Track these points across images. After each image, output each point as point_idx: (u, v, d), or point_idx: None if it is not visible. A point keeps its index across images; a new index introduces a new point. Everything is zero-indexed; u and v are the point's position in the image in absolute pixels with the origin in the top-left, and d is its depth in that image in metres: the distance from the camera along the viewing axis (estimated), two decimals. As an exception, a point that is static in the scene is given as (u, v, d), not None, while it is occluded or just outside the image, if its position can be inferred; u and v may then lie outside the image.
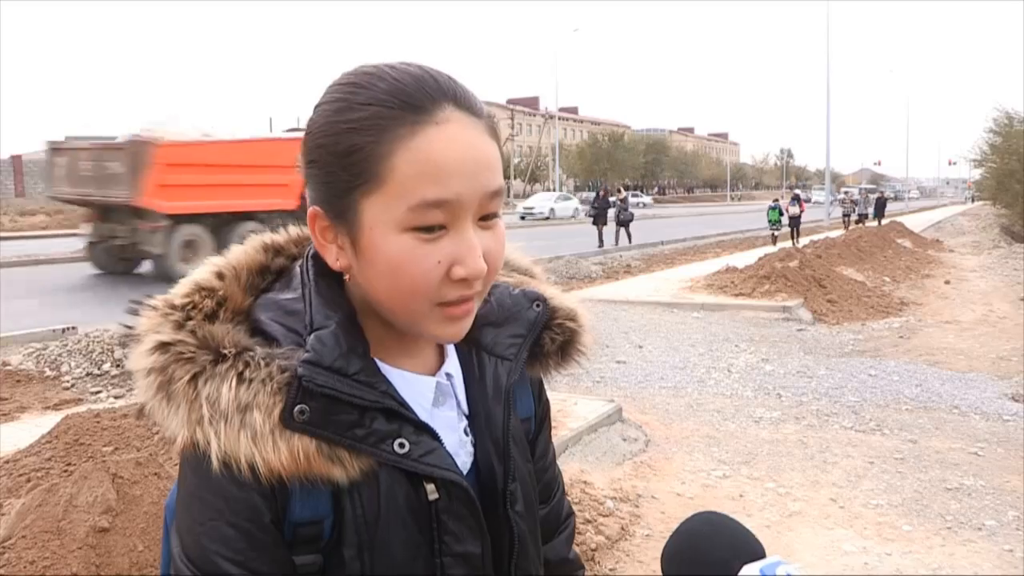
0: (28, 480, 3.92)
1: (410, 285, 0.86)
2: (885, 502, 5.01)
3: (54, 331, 9.62)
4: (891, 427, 6.59)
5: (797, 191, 29.78)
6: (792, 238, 25.06)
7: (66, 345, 8.32)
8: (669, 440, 6.27)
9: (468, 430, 1.02)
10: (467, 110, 0.88)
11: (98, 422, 4.46)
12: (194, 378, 0.85)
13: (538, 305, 1.10)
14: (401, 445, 0.89)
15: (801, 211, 26.53)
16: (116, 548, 3.08)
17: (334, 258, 0.91)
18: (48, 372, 7.83)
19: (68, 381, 7.60)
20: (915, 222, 36.86)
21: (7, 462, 4.20)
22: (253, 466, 0.83)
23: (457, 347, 1.05)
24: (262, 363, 0.86)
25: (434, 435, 0.93)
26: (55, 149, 17.10)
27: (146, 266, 16.78)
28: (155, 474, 3.42)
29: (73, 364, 7.93)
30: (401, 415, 0.91)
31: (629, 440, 6.13)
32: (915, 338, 10.45)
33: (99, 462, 3.44)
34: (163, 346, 0.87)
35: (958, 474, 5.49)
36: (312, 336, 0.88)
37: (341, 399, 0.86)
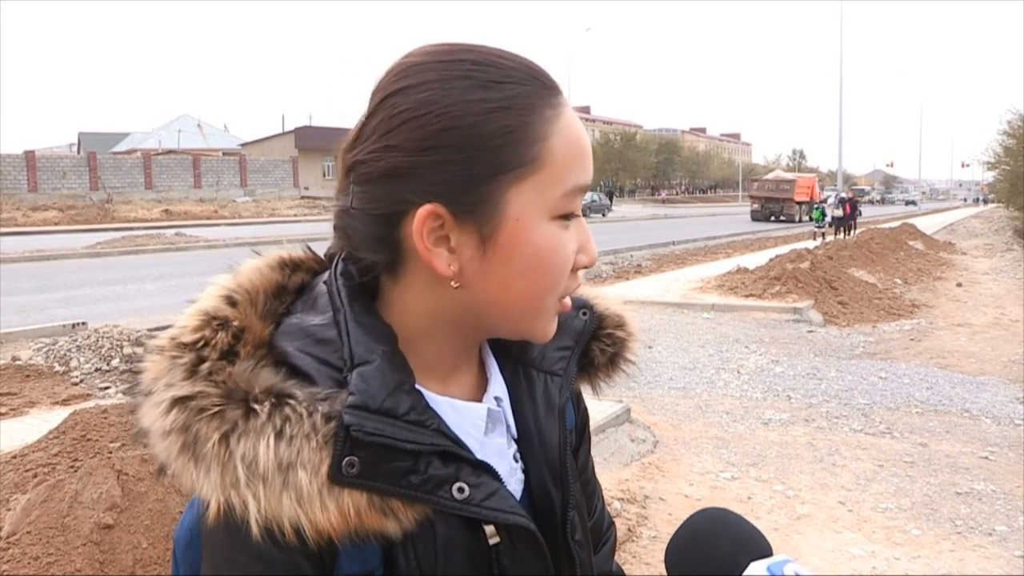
0: (34, 476, 3.91)
1: (552, 277, 0.81)
2: (894, 506, 4.98)
3: (64, 326, 9.65)
4: (901, 430, 6.55)
5: (843, 195, 32.31)
6: (836, 233, 28.57)
7: (75, 340, 8.35)
8: (677, 441, 6.25)
9: (518, 455, 0.93)
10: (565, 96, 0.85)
11: (105, 418, 4.45)
12: (224, 436, 0.74)
13: (584, 313, 1.01)
14: (460, 490, 0.80)
15: (846, 213, 29.83)
16: (120, 545, 3.08)
17: (446, 264, 0.80)
18: (57, 367, 7.86)
19: (77, 376, 7.62)
20: (923, 225, 36.72)
21: (14, 457, 4.20)
22: (298, 529, 0.74)
23: (501, 363, 0.96)
24: (304, 413, 0.75)
25: (494, 474, 0.84)
26: (753, 180, 53.23)
27: (783, 220, 44.93)
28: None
29: (82, 359, 7.95)
30: (457, 456, 0.81)
31: (637, 441, 6.11)
32: (926, 341, 10.39)
33: (105, 458, 3.44)
34: (180, 401, 0.76)
35: (968, 478, 5.44)
36: (355, 374, 0.77)
37: (392, 446, 0.77)
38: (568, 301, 0.86)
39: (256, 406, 0.75)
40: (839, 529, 4.66)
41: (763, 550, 0.90)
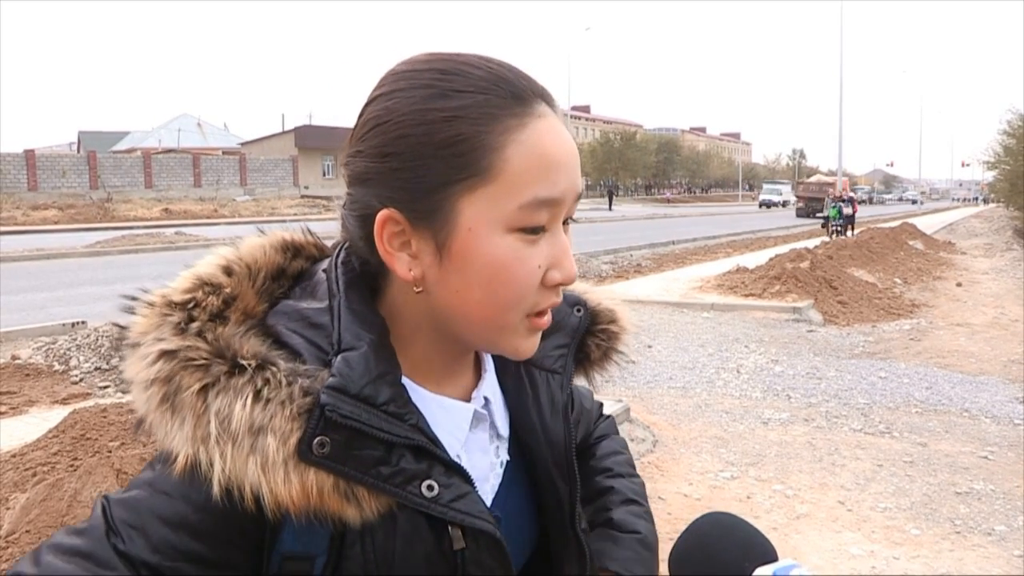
0: (34, 474, 3.92)
1: (512, 292, 0.80)
2: (893, 505, 4.98)
3: (64, 325, 9.64)
4: (900, 430, 6.55)
5: (851, 194, 33.61)
6: (844, 230, 28.98)
7: (75, 339, 8.34)
8: (677, 441, 6.25)
9: (499, 451, 0.95)
10: (553, 107, 0.83)
11: (105, 417, 4.46)
12: (204, 389, 0.75)
13: (579, 310, 1.04)
14: (430, 488, 0.80)
15: (854, 211, 30.25)
16: (119, 544, 3.08)
17: (406, 268, 0.81)
18: (57, 366, 7.85)
19: (76, 375, 7.61)
20: (924, 224, 36.75)
21: (14, 456, 4.20)
22: (258, 496, 0.74)
23: (503, 363, 0.97)
24: (284, 381, 0.76)
25: (466, 477, 0.84)
26: (799, 183, 59.00)
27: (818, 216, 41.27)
28: (160, 470, 3.41)
29: (82, 358, 7.94)
30: (431, 453, 0.81)
31: (636, 440, 6.11)
32: (926, 340, 10.39)
33: (104, 457, 3.44)
34: (168, 354, 0.77)
35: (968, 478, 5.45)
36: (339, 358, 0.78)
37: (367, 432, 0.77)
38: (546, 319, 0.85)
39: (243, 361, 0.76)
40: (838, 529, 4.66)
41: (768, 555, 0.90)
